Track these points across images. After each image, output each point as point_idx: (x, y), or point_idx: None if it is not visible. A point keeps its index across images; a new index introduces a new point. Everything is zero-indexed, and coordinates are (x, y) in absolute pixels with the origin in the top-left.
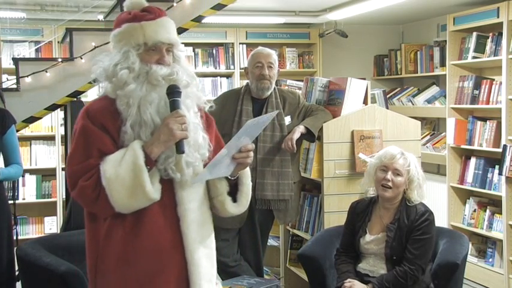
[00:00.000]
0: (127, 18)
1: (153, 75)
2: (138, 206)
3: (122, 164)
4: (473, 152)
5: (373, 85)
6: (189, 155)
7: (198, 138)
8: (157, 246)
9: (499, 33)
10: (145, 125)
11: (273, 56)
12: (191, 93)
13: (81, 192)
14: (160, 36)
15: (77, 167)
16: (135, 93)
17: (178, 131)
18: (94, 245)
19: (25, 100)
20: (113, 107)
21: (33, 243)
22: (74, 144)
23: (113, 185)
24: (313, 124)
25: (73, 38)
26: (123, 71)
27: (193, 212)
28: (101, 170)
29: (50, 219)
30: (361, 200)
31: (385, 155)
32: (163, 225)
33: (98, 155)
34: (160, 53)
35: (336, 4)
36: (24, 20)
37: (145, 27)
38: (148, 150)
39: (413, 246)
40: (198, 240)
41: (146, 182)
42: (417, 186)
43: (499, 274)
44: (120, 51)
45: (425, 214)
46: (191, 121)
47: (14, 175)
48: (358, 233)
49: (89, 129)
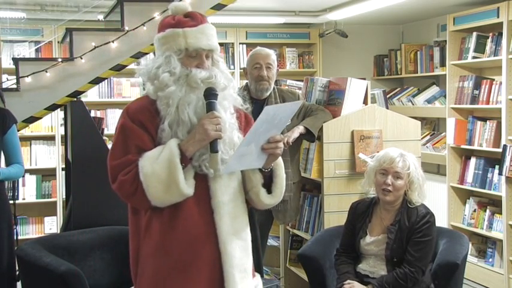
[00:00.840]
0: (170, 24)
1: (193, 78)
2: (172, 200)
3: (158, 161)
4: (473, 152)
5: (373, 85)
6: (224, 152)
7: (234, 137)
8: (192, 237)
9: (499, 33)
10: (183, 124)
11: (271, 57)
12: (228, 95)
13: (120, 186)
14: (201, 43)
15: (116, 162)
16: (175, 94)
17: (212, 131)
18: (136, 235)
19: (25, 100)
20: (152, 107)
21: (33, 243)
22: (115, 140)
23: (149, 180)
24: (313, 124)
25: (73, 38)
26: (165, 74)
27: (226, 204)
28: (139, 165)
29: (50, 219)
30: (361, 200)
31: (385, 158)
32: (197, 217)
33: (136, 151)
34: (200, 59)
35: (336, 4)
36: (24, 20)
37: (187, 33)
38: (184, 148)
39: (413, 248)
40: (231, 232)
41: (180, 179)
42: (418, 187)
43: (499, 274)
44: (162, 55)
45: (426, 216)
46: (227, 121)
47: (14, 175)
48: (359, 234)
49: (128, 127)
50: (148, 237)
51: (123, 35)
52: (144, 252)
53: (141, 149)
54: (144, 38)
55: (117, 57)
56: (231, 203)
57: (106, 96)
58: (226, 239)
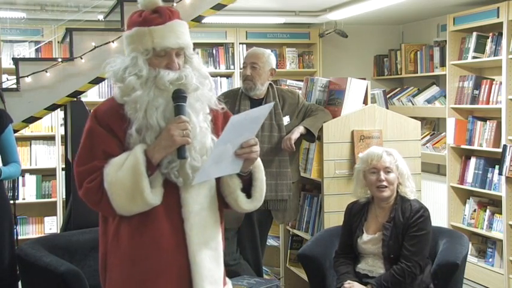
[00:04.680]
0: (137, 22)
1: (161, 81)
2: (138, 210)
3: (123, 168)
4: (473, 152)
5: (373, 85)
6: (195, 159)
7: (206, 142)
8: (161, 247)
9: (499, 33)
10: (151, 129)
11: (259, 57)
12: (202, 95)
13: (85, 193)
14: (169, 41)
15: (82, 168)
16: (142, 99)
17: (178, 137)
18: (104, 242)
19: (25, 100)
20: (121, 110)
21: (33, 243)
22: (81, 145)
23: (113, 189)
24: (313, 124)
25: (73, 38)
26: (131, 77)
27: (197, 214)
28: (104, 173)
29: (50, 219)
30: (356, 201)
31: (372, 157)
32: (167, 226)
33: (103, 156)
34: (169, 58)
35: (336, 4)
36: (24, 20)
37: (153, 32)
38: (150, 155)
39: (409, 243)
40: (201, 241)
41: (145, 187)
42: (408, 179)
43: (499, 274)
44: (129, 55)
45: (420, 210)
46: (198, 125)
47: (13, 174)
48: (355, 234)
49: (96, 131)
50: (115, 246)
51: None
52: (111, 261)
53: (109, 154)
54: None
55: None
56: (203, 212)
57: (106, 96)
58: (196, 249)
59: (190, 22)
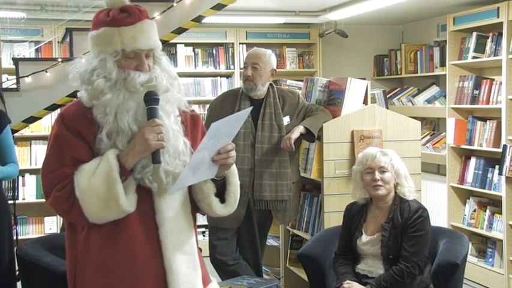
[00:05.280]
0: (105, 22)
1: (131, 83)
2: (112, 217)
3: (95, 175)
4: (473, 152)
5: (373, 85)
6: (169, 163)
7: (179, 145)
8: (135, 255)
9: (499, 33)
10: (122, 133)
11: (260, 57)
12: (171, 97)
13: (54, 202)
14: (139, 43)
15: (50, 176)
16: (112, 102)
17: (153, 141)
18: (72, 253)
19: (25, 100)
20: (89, 113)
21: (33, 243)
22: (48, 151)
23: (86, 197)
24: (313, 124)
25: (73, 38)
26: (99, 80)
27: (171, 220)
28: (75, 180)
29: (50, 219)
30: (356, 201)
31: (366, 157)
32: (141, 233)
33: (72, 162)
34: (139, 60)
35: (336, 4)
36: (24, 20)
37: (123, 33)
38: (123, 160)
39: (408, 243)
40: (176, 248)
41: (120, 194)
42: (405, 178)
43: (499, 274)
44: (97, 56)
45: (418, 211)
46: (170, 128)
47: (11, 174)
48: (355, 235)
49: (63, 136)
50: (86, 254)
51: None
52: (82, 272)
53: (78, 160)
54: None
55: None
56: (177, 217)
57: None
58: (172, 255)
59: (190, 22)
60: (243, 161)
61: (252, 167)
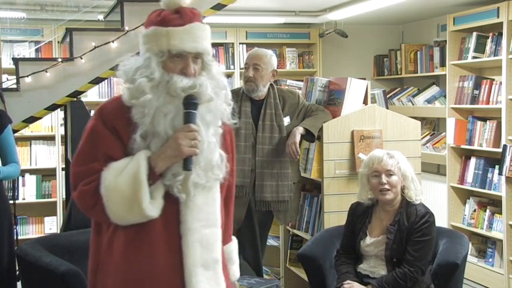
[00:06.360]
0: (155, 21)
1: (172, 87)
2: (133, 220)
3: (122, 174)
4: (473, 152)
5: (373, 85)
6: (199, 175)
7: (213, 158)
8: (156, 265)
9: (499, 33)
10: (158, 136)
11: (262, 58)
12: (215, 107)
13: (80, 196)
14: (186, 45)
15: (80, 169)
16: (151, 103)
17: (186, 148)
18: (96, 253)
19: (25, 100)
20: (128, 112)
21: (33, 243)
22: (82, 143)
23: (110, 195)
24: (313, 124)
25: (73, 38)
26: (142, 79)
27: (196, 232)
28: (102, 177)
29: (50, 219)
30: (360, 201)
31: (373, 160)
32: (164, 242)
33: (104, 159)
34: (185, 63)
35: (336, 4)
36: (24, 20)
37: (170, 33)
38: (153, 163)
39: (413, 248)
40: (199, 261)
41: (144, 198)
42: (412, 181)
43: (499, 274)
44: (143, 55)
45: (425, 216)
46: (206, 140)
47: (13, 174)
48: (359, 235)
49: (99, 131)
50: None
51: (123, 35)
52: (103, 276)
53: (110, 157)
54: None
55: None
56: (202, 230)
57: (106, 96)
58: (193, 269)
59: None
60: (244, 162)
61: (253, 168)
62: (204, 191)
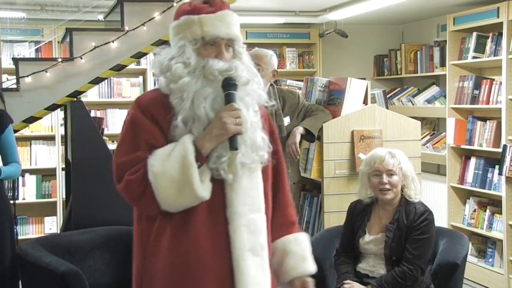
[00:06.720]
0: (186, 10)
1: (209, 70)
2: (185, 204)
3: (170, 159)
4: (473, 152)
5: (373, 85)
6: (245, 155)
7: (257, 138)
8: (202, 251)
9: (499, 33)
10: (199, 120)
11: (262, 58)
12: (251, 90)
13: (127, 186)
14: (219, 31)
15: (124, 159)
16: (190, 87)
17: (232, 125)
18: (142, 246)
19: (25, 100)
20: (166, 100)
21: (33, 243)
22: (123, 134)
23: (159, 181)
24: (313, 124)
25: (73, 38)
26: (178, 64)
27: (243, 215)
28: (149, 164)
29: (50, 219)
30: (360, 200)
31: (374, 159)
32: (211, 228)
33: (146, 147)
34: (218, 49)
35: (336, 4)
36: (24, 20)
37: (203, 21)
38: (199, 144)
39: (412, 246)
40: (246, 247)
41: (195, 178)
42: (412, 180)
43: (499, 274)
44: (176, 44)
45: (424, 214)
46: (249, 119)
47: (14, 173)
48: (358, 233)
49: (139, 120)
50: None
51: (123, 35)
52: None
53: (152, 146)
54: (144, 38)
55: (117, 57)
56: (250, 214)
57: (106, 96)
58: (240, 254)
59: None
60: None
61: None
62: (248, 173)
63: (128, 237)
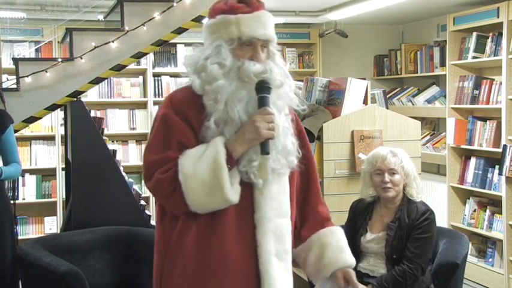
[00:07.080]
0: (222, 9)
1: (245, 72)
2: (214, 207)
3: (201, 160)
4: (473, 152)
5: (373, 85)
6: (275, 160)
7: (287, 143)
8: (228, 254)
9: (499, 33)
10: (231, 122)
11: None
12: (284, 93)
13: (156, 184)
14: (256, 31)
15: (154, 157)
16: (224, 89)
17: (264, 130)
18: (164, 244)
19: (25, 100)
20: (199, 100)
21: (33, 243)
22: (154, 132)
23: (190, 182)
24: (313, 124)
25: (73, 38)
26: (213, 65)
27: (271, 220)
28: (179, 164)
29: (50, 219)
30: (362, 199)
31: (376, 158)
32: (237, 231)
33: (177, 147)
34: (254, 50)
35: (336, 4)
36: (24, 20)
37: (240, 21)
38: (231, 147)
39: (413, 245)
40: (273, 252)
41: (225, 181)
42: (414, 179)
43: (499, 274)
44: (211, 44)
45: (426, 213)
46: (281, 124)
47: (14, 174)
48: (359, 232)
49: (171, 119)
50: (178, 248)
51: (123, 35)
52: (172, 265)
53: (183, 145)
54: (144, 38)
55: (117, 57)
56: (277, 219)
57: (106, 96)
58: (268, 259)
59: (190, 22)
60: None
61: None
62: (278, 178)
63: (128, 237)
